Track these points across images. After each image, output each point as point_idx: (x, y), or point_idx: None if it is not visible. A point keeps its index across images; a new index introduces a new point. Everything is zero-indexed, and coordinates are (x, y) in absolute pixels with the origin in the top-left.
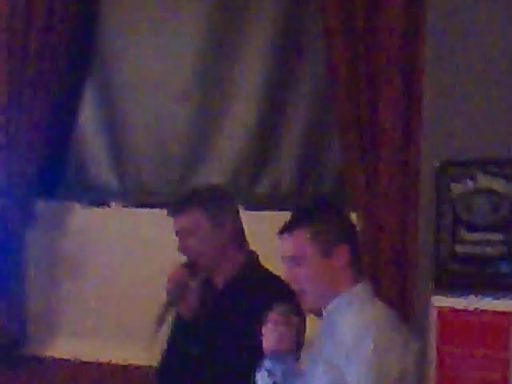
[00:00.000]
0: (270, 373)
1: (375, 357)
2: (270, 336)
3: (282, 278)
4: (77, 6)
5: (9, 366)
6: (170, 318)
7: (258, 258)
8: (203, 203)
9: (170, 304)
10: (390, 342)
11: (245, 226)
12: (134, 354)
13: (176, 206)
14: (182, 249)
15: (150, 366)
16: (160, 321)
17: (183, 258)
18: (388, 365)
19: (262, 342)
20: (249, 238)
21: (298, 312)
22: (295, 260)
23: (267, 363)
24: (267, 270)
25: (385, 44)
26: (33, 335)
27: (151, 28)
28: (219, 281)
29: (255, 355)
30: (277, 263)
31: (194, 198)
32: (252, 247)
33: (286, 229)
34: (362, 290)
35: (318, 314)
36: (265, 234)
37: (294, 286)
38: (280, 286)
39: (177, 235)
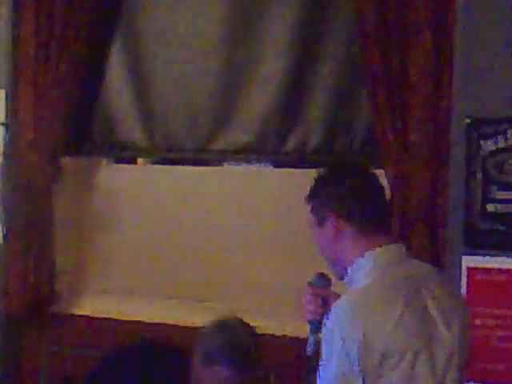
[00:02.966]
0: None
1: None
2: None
3: None
4: None
5: (37, 323)
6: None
7: None
8: None
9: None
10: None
11: (274, 184)
12: (160, 311)
13: None
14: None
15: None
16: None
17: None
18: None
19: None
20: (278, 196)
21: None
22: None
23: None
24: None
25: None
26: (60, 293)
27: None
28: None
29: None
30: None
31: None
32: (281, 205)
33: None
34: (367, 260)
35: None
36: (293, 191)
37: None
38: None
39: None
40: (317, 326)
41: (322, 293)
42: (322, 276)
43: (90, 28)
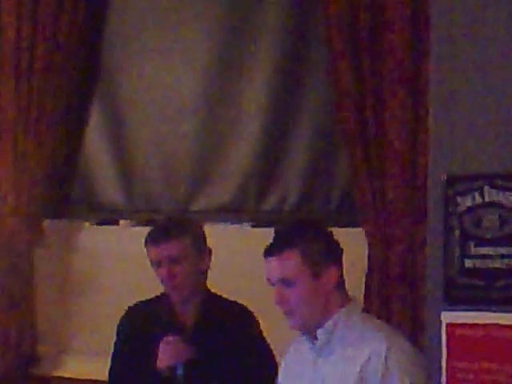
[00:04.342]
0: None
1: None
2: None
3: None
4: (83, 24)
5: None
6: None
7: None
8: None
9: None
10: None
11: (253, 243)
12: None
13: None
14: None
15: None
16: None
17: None
18: None
19: None
20: (257, 256)
21: None
22: (285, 282)
23: None
24: None
25: (390, 59)
26: (43, 354)
27: (158, 45)
28: None
29: None
30: None
31: None
32: (260, 264)
33: (275, 250)
34: (355, 308)
35: (306, 332)
36: None
37: (283, 307)
38: None
39: None
40: None
41: None
42: None
43: (68, 92)
